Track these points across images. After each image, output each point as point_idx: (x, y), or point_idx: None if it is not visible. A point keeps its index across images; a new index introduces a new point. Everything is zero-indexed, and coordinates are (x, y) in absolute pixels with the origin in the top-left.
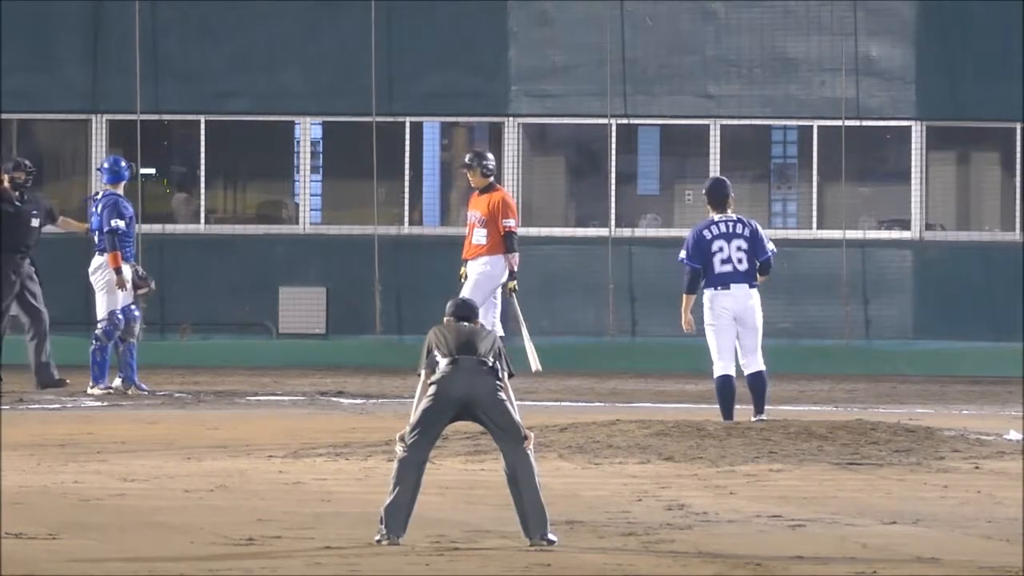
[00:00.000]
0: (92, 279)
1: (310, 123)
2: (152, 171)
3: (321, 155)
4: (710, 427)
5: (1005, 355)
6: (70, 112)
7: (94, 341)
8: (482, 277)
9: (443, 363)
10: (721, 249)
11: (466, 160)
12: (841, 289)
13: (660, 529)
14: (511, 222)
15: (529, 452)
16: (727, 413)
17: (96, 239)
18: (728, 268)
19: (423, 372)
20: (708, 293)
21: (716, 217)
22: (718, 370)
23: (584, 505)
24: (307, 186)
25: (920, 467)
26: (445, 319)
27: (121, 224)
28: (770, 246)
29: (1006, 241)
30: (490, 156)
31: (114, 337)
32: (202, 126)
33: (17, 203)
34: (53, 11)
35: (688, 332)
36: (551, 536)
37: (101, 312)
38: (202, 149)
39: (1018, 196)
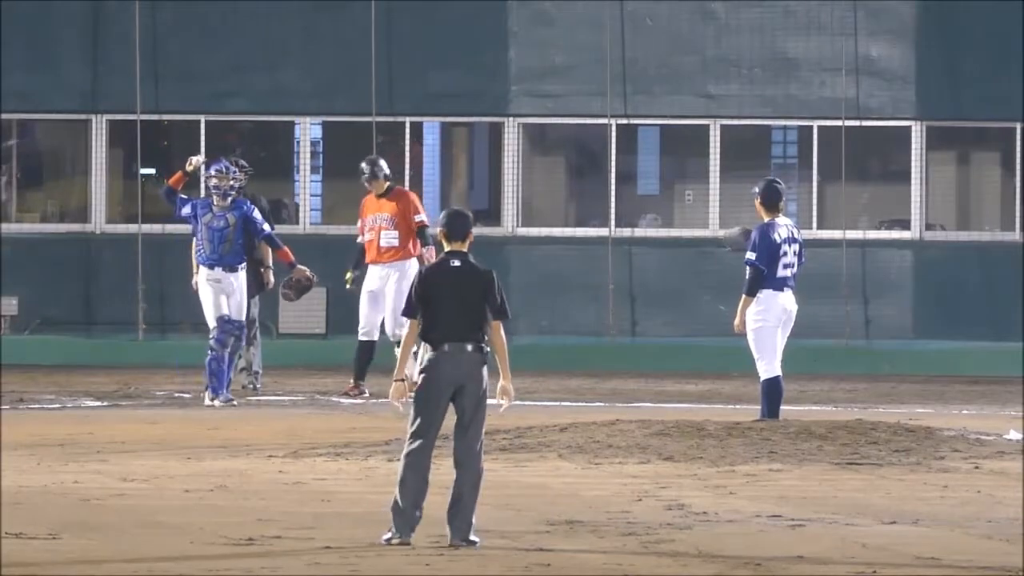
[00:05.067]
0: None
1: (310, 123)
2: (152, 171)
3: (321, 155)
4: (710, 427)
5: (1005, 355)
6: (70, 112)
7: (209, 351)
8: (405, 285)
9: (430, 350)
10: (785, 253)
11: (365, 173)
12: (841, 289)
13: (660, 529)
14: (423, 217)
15: (479, 456)
16: (775, 413)
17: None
18: (788, 272)
19: (409, 323)
20: (764, 293)
21: (778, 221)
22: (769, 371)
23: (584, 505)
24: (307, 186)
25: (920, 467)
26: (439, 230)
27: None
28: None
29: (1006, 241)
30: (382, 161)
31: (228, 345)
32: (202, 126)
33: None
34: (53, 11)
35: (739, 333)
36: (473, 537)
37: (210, 320)
38: (202, 149)
39: (1018, 196)
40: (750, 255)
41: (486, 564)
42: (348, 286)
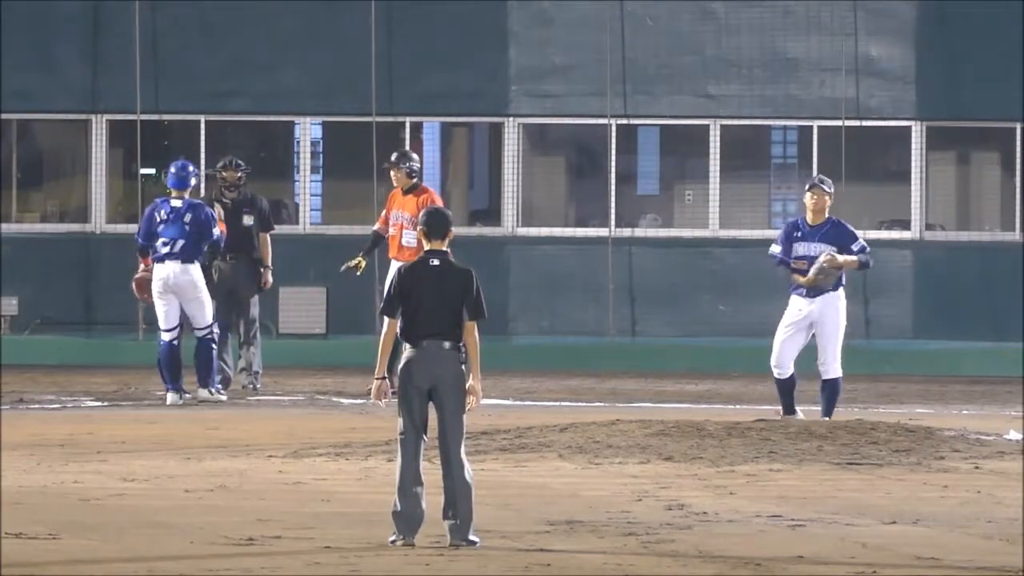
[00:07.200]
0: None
1: (310, 123)
2: (152, 171)
3: (321, 155)
4: (710, 427)
5: (1005, 355)
6: (70, 112)
7: (214, 346)
8: None
9: (408, 348)
10: None
11: (391, 159)
12: None
13: (660, 529)
14: None
15: (463, 455)
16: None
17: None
18: None
19: (387, 321)
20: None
21: None
22: (840, 370)
23: (584, 505)
24: (307, 186)
25: (920, 467)
26: (419, 229)
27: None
28: None
29: (1006, 241)
30: (415, 156)
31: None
32: (202, 126)
33: (224, 201)
34: (53, 11)
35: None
36: (472, 537)
37: (207, 319)
38: (202, 149)
39: (1018, 196)
40: (863, 241)
41: (486, 564)
42: (358, 272)
